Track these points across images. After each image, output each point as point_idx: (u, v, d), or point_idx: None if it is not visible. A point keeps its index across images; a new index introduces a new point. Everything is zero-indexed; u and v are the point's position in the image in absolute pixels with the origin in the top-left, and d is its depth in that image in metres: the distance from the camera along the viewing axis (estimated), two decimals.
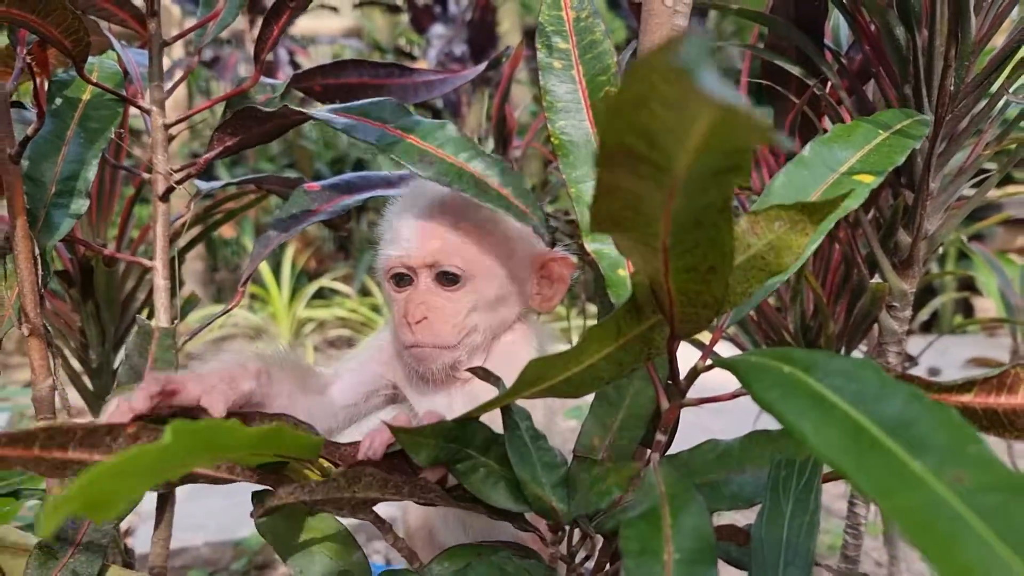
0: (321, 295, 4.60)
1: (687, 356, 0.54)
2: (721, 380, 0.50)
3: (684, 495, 0.47)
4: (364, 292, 4.55)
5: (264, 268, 4.33)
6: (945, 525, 0.27)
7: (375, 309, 4.23)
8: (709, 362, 0.52)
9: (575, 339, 0.55)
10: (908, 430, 0.31)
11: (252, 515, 0.54)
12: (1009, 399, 0.49)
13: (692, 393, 0.53)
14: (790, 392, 0.36)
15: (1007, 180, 3.49)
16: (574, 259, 0.79)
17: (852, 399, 0.34)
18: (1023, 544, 0.25)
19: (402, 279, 0.76)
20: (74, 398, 0.98)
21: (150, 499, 0.85)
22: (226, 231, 4.52)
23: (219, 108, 0.96)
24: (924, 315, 1.87)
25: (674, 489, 0.47)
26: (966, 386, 0.50)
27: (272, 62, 4.30)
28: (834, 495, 2.13)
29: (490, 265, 0.75)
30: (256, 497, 0.55)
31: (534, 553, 0.58)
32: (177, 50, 4.14)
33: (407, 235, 0.74)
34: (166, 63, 0.85)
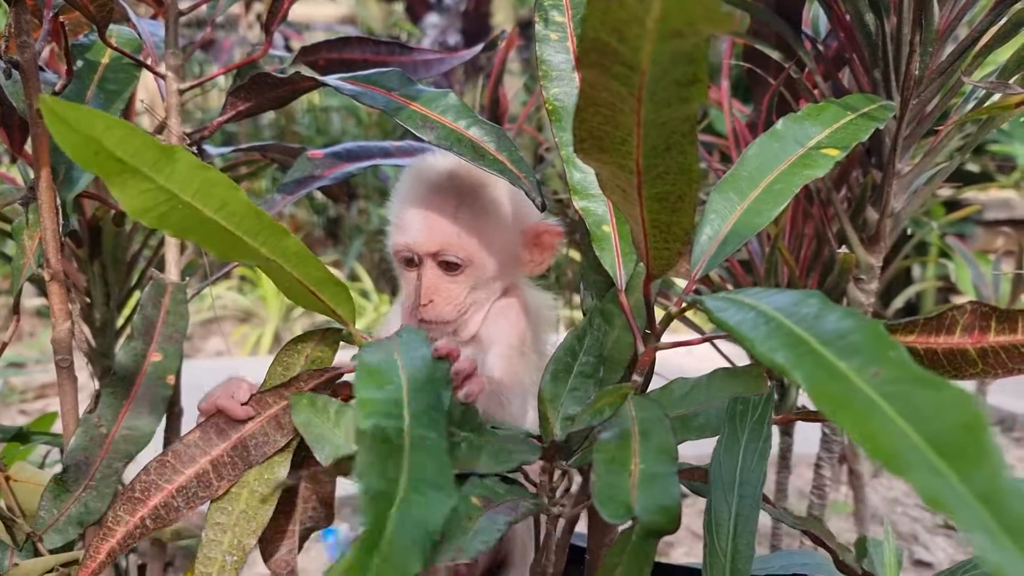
0: None
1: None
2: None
3: (653, 420, 0.52)
4: (353, 278, 4.57)
5: None
6: (859, 406, 0.33)
7: (364, 295, 4.26)
8: (684, 305, 0.58)
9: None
10: (841, 340, 0.37)
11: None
12: (947, 339, 0.54)
13: None
14: (745, 315, 0.42)
15: (988, 180, 3.56)
16: (561, 228, 0.88)
17: (795, 318, 0.40)
18: (918, 419, 0.31)
19: (410, 261, 0.85)
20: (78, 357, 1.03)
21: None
22: None
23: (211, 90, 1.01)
24: (899, 303, 1.93)
25: (644, 415, 0.53)
26: (909, 327, 0.55)
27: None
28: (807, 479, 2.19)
29: (488, 248, 0.84)
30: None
31: (519, 483, 0.64)
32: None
33: (414, 224, 0.83)
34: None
